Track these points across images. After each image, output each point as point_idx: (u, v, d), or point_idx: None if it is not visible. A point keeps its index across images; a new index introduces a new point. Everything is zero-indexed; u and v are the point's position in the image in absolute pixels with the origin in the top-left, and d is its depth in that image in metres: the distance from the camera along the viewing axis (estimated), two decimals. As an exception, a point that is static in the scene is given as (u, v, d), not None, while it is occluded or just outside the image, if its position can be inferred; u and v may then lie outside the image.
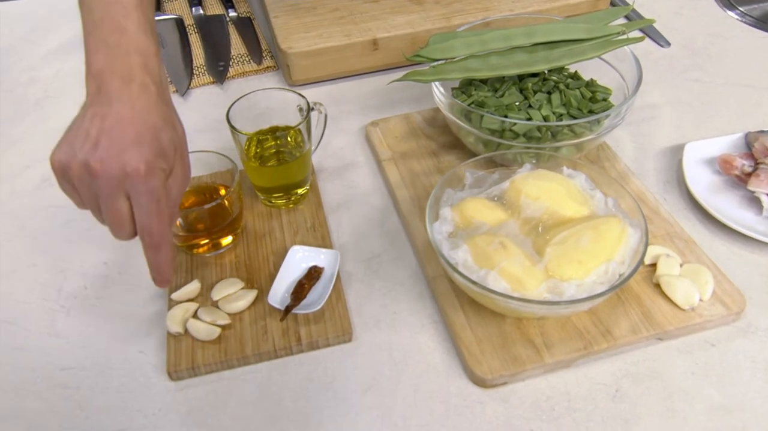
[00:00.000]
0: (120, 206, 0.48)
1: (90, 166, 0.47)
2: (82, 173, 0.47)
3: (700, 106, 0.84)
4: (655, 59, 0.92)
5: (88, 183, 0.48)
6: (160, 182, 0.49)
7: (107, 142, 0.47)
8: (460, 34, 0.73)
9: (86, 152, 0.47)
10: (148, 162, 0.47)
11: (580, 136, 0.67)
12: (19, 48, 1.00)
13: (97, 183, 0.47)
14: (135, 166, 0.47)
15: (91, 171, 0.47)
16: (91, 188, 0.48)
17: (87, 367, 0.58)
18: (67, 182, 0.49)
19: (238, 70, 0.91)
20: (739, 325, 0.59)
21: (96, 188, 0.48)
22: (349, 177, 0.75)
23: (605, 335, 0.56)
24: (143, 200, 0.48)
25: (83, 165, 0.47)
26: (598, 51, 0.71)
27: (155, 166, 0.48)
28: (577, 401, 0.54)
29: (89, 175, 0.47)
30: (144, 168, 0.47)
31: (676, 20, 1.00)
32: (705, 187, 0.70)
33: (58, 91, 0.90)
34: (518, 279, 0.53)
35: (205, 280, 0.63)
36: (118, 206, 0.48)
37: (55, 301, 0.63)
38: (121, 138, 0.48)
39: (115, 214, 0.48)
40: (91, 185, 0.48)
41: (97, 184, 0.47)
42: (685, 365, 0.56)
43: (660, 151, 0.77)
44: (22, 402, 0.55)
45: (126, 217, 0.49)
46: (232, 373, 0.57)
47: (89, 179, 0.47)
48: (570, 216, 0.58)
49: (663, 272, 0.60)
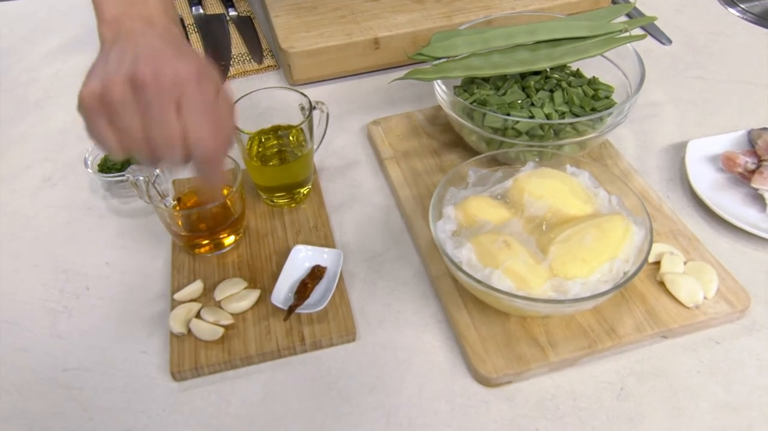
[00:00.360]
0: (171, 120, 0.44)
1: (137, 78, 0.43)
2: (126, 90, 0.43)
3: (703, 103, 0.83)
4: (656, 57, 0.92)
5: (134, 101, 0.44)
6: (213, 88, 0.45)
7: (149, 57, 0.44)
8: (462, 32, 0.73)
9: (128, 67, 0.43)
10: (200, 68, 0.45)
11: (582, 134, 0.67)
12: (19, 48, 0.99)
13: (147, 96, 0.43)
14: (188, 70, 0.44)
15: (138, 83, 0.43)
16: (137, 106, 0.44)
17: (90, 368, 0.58)
18: (104, 115, 0.44)
19: (239, 70, 0.91)
20: (744, 323, 0.59)
21: (145, 102, 0.43)
22: (351, 176, 0.75)
23: (610, 333, 0.56)
24: (198, 106, 0.44)
25: (128, 79, 0.43)
26: (601, 49, 0.71)
27: (207, 72, 0.45)
28: (582, 400, 0.54)
29: (136, 88, 0.43)
30: (196, 72, 0.44)
31: (677, 18, 1.00)
32: (708, 184, 0.70)
33: (58, 91, 0.90)
34: (523, 278, 0.52)
35: (207, 280, 0.62)
36: (169, 120, 0.44)
37: (57, 302, 0.63)
38: (162, 54, 0.44)
39: (167, 129, 0.44)
40: (139, 100, 0.44)
41: (147, 97, 0.43)
42: (690, 363, 0.56)
43: (662, 149, 0.77)
44: (24, 403, 0.55)
45: (177, 133, 0.44)
46: (235, 373, 0.57)
47: (136, 95, 0.43)
48: (574, 214, 0.58)
49: (667, 270, 0.59)
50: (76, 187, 0.75)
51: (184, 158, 0.46)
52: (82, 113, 0.45)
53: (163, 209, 0.61)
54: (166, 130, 0.44)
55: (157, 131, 0.44)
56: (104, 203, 0.73)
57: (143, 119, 0.44)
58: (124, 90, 0.43)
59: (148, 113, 0.44)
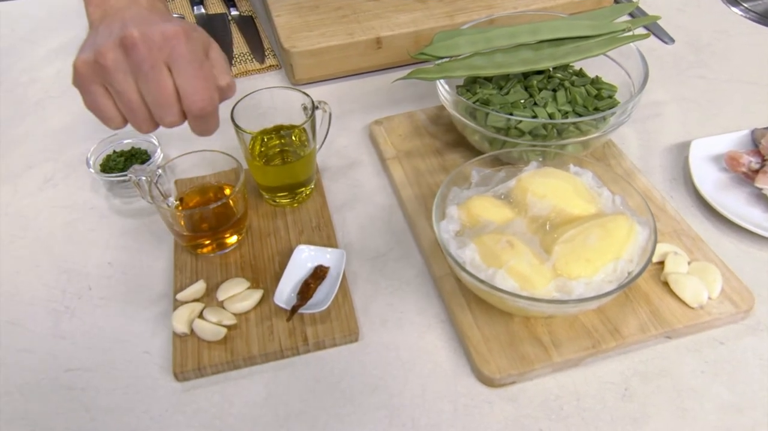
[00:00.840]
0: (164, 78, 0.45)
1: (126, 40, 0.44)
2: (117, 53, 0.45)
3: (706, 103, 0.83)
4: (659, 56, 0.91)
5: (126, 63, 0.45)
6: (201, 46, 0.47)
7: (137, 22, 0.45)
8: (465, 31, 0.72)
9: (117, 33, 0.45)
10: (185, 28, 0.46)
11: (585, 133, 0.67)
12: (20, 48, 0.99)
13: (137, 56, 0.44)
14: (175, 29, 0.45)
15: (128, 44, 0.44)
16: (129, 67, 0.45)
17: (92, 368, 0.57)
18: (98, 82, 0.46)
19: (241, 69, 0.90)
20: (748, 323, 0.58)
21: (137, 63, 0.45)
22: (353, 176, 0.75)
23: (613, 333, 0.56)
24: (187, 64, 0.46)
25: (119, 43, 0.45)
26: (604, 48, 0.71)
27: (194, 31, 0.47)
28: (585, 400, 0.54)
29: (127, 50, 0.45)
30: (183, 31, 0.45)
31: (680, 17, 0.99)
32: (712, 184, 0.69)
33: (59, 91, 0.90)
34: (526, 278, 0.52)
35: (210, 280, 0.62)
36: (161, 78, 0.45)
37: (59, 302, 0.63)
38: (149, 19, 0.46)
39: (159, 89, 0.45)
40: (130, 62, 0.45)
41: (137, 57, 0.44)
42: (694, 363, 0.56)
43: (666, 148, 0.77)
44: (27, 403, 0.55)
45: (171, 90, 0.46)
46: (238, 373, 0.56)
47: (127, 57, 0.45)
48: (577, 214, 0.58)
49: (671, 270, 0.59)
50: (78, 187, 0.75)
51: (180, 116, 0.47)
52: (77, 84, 0.47)
53: (166, 209, 0.61)
54: (159, 88, 0.45)
55: (151, 89, 0.46)
56: (106, 203, 0.73)
57: (136, 79, 0.46)
58: (115, 54, 0.45)
59: (141, 72, 0.45)
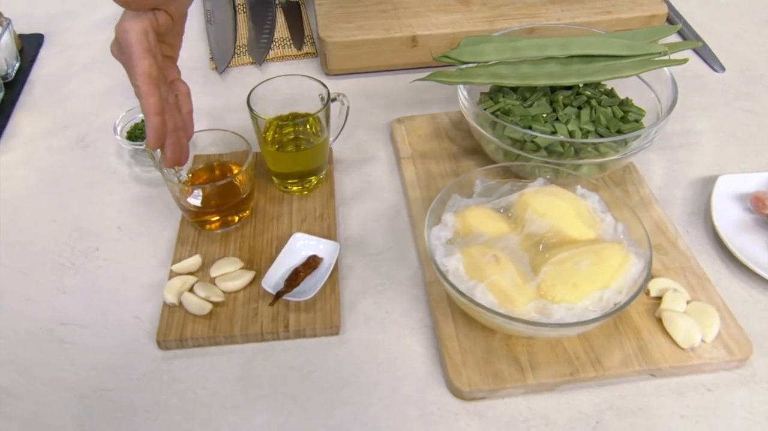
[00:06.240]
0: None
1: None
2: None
3: (746, 137, 0.79)
4: (704, 83, 0.87)
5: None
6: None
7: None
8: (494, 38, 0.71)
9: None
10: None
11: (604, 155, 0.65)
12: (80, 12, 1.04)
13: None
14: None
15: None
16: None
17: (85, 325, 0.60)
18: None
19: (278, 54, 0.92)
20: (742, 373, 0.56)
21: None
22: (366, 171, 0.75)
23: (595, 364, 0.54)
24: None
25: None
26: (636, 70, 0.68)
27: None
28: (554, 427, 0.52)
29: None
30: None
31: (735, 43, 0.95)
32: (732, 224, 0.66)
33: (106, 56, 0.93)
34: (507, 295, 0.51)
35: (207, 256, 0.64)
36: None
37: (67, 257, 0.66)
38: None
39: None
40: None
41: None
42: (675, 406, 0.54)
43: (692, 180, 0.73)
44: (20, 349, 0.58)
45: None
46: (218, 349, 0.58)
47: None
48: (574, 237, 0.56)
49: (667, 307, 0.57)
50: (104, 151, 0.78)
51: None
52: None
53: (173, 183, 0.63)
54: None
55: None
56: (128, 169, 0.76)
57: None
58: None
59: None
